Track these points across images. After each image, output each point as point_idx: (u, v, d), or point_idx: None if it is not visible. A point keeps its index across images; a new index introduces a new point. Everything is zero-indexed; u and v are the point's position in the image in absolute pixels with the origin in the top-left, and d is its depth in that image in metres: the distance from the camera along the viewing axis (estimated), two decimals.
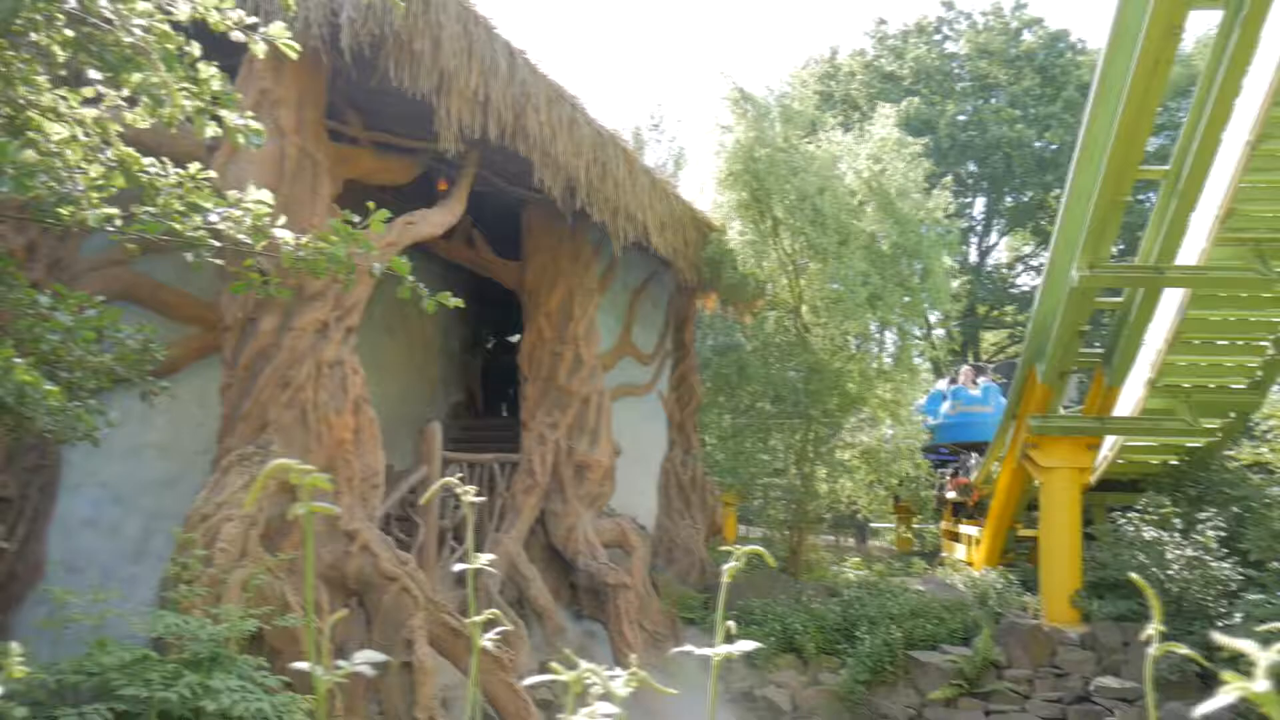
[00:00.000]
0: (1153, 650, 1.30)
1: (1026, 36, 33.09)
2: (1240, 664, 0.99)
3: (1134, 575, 1.70)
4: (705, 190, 14.73)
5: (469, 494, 1.87)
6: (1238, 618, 10.67)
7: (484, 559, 1.81)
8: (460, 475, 10.34)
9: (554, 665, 1.27)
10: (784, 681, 11.71)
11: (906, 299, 13.90)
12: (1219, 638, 1.03)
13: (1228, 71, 8.53)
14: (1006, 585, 13.75)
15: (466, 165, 10.22)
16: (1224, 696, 0.98)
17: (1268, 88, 9.19)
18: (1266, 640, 0.96)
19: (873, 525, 30.43)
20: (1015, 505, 14.85)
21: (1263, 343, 12.11)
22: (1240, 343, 12.27)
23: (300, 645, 6.38)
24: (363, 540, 7.43)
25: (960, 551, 18.19)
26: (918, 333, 29.47)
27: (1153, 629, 1.31)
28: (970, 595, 13.61)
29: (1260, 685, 0.93)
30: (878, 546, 29.41)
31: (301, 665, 1.29)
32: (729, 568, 1.50)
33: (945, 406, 19.45)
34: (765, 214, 13.81)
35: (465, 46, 8.48)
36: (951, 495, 19.35)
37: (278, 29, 4.24)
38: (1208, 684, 10.82)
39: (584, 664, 1.24)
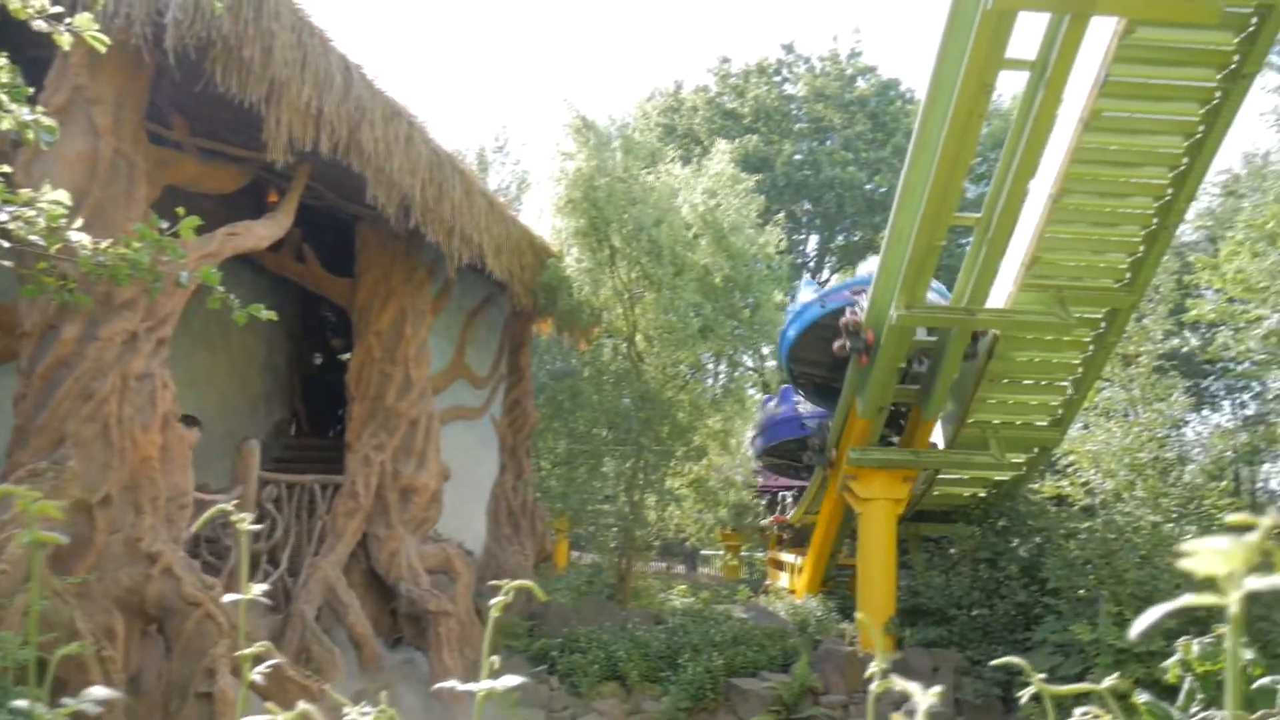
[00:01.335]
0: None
1: (860, 83, 34.55)
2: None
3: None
4: (545, 215, 14.75)
5: (244, 522, 1.79)
6: (1038, 642, 11.29)
7: (258, 589, 1.74)
8: (276, 496, 10.00)
9: (270, 706, 1.22)
10: (606, 710, 11.69)
11: (738, 331, 14.22)
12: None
13: (1034, 128, 9.09)
14: (826, 612, 14.16)
15: (297, 178, 9.94)
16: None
17: (1069, 146, 9.84)
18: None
19: (703, 553, 30.90)
20: (836, 535, 15.32)
21: (1063, 383, 12.90)
22: (1043, 382, 13.04)
23: (89, 675, 6.00)
24: (165, 563, 7.06)
25: (784, 579, 18.65)
26: (750, 364, 30.19)
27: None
28: (791, 622, 13.94)
29: None
30: (707, 574, 29.85)
31: (21, 704, 1.20)
32: (497, 602, 1.48)
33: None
34: (603, 242, 13.91)
35: (299, 57, 8.25)
36: (767, 522, 19.87)
37: (85, 20, 4.02)
38: (1009, 707, 11.39)
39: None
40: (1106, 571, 11.67)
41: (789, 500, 19.86)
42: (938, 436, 13.44)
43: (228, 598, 1.73)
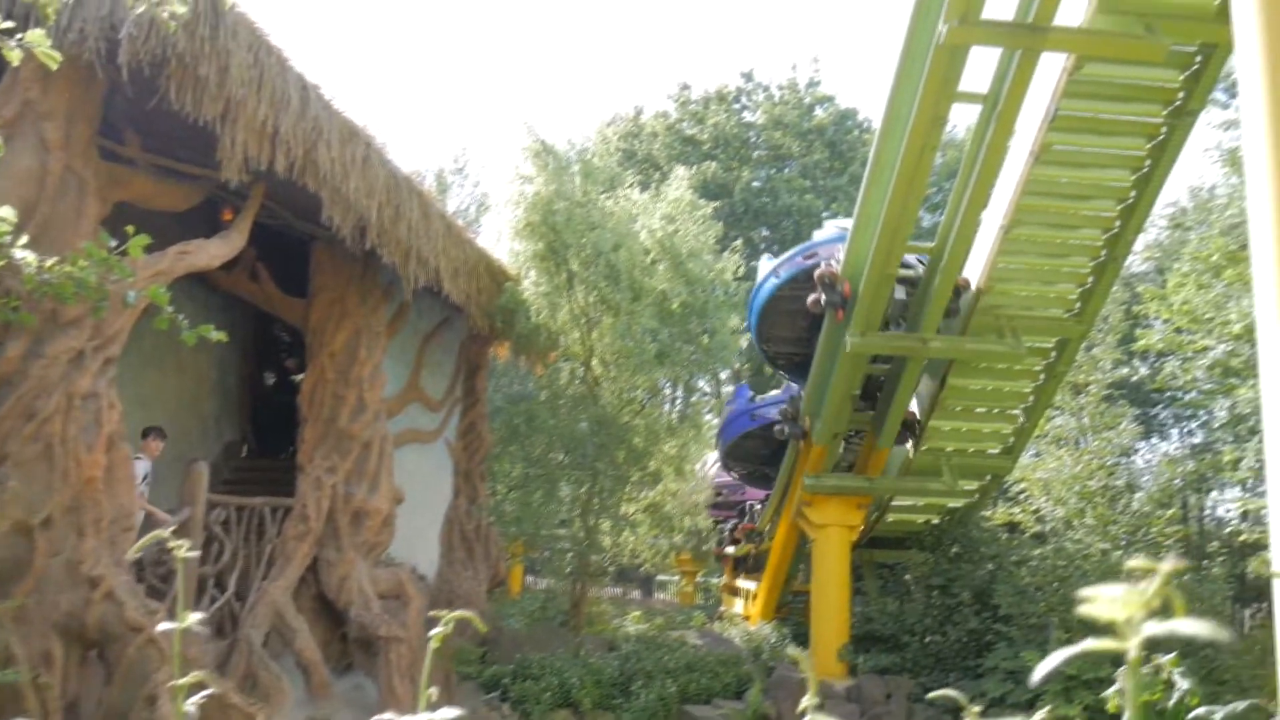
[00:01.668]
0: None
1: (818, 112, 34.96)
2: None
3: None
4: (503, 239, 14.73)
5: (182, 549, 1.76)
6: (989, 669, 11.35)
7: (196, 617, 1.70)
8: (225, 519, 9.85)
9: None
10: None
11: (695, 356, 14.25)
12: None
13: (985, 160, 9.25)
14: (780, 639, 14.17)
15: (252, 196, 9.85)
16: None
17: (1020, 178, 10.01)
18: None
19: (658, 578, 30.83)
20: (790, 561, 15.36)
21: (1014, 411, 13.05)
22: (995, 411, 13.19)
23: (24, 703, 5.85)
24: (107, 587, 6.91)
25: (739, 606, 18.65)
26: (707, 389, 30.27)
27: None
28: (746, 649, 13.92)
29: None
30: (663, 600, 29.78)
31: None
32: (436, 633, 1.46)
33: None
34: (561, 266, 13.91)
35: (255, 76, 8.20)
36: (731, 551, 19.82)
37: (36, 36, 3.97)
38: None
39: None
40: (1057, 598, 11.79)
41: (757, 508, 19.81)
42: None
43: (162, 627, 1.70)
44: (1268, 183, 3.84)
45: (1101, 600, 0.72)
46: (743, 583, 18.88)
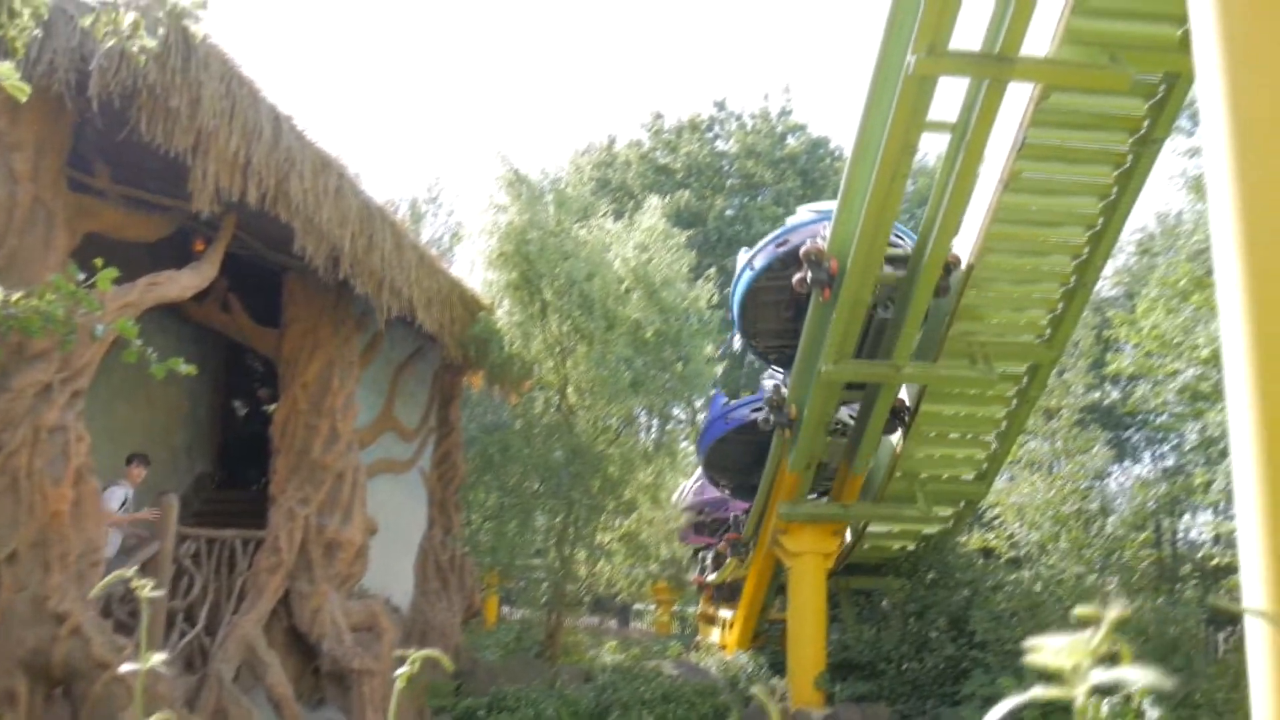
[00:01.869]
0: None
1: (790, 141, 35.25)
2: None
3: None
4: (477, 268, 14.71)
5: (145, 589, 1.74)
6: (966, 696, 11.35)
7: (158, 658, 1.68)
8: (195, 552, 9.73)
9: None
10: None
11: (670, 385, 14.26)
12: None
13: (955, 188, 9.34)
14: (757, 668, 14.12)
15: (224, 227, 9.81)
16: None
17: (989, 205, 10.11)
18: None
19: (635, 607, 30.70)
20: (766, 589, 15.33)
21: (987, 437, 13.12)
22: (968, 436, 13.25)
23: None
24: (74, 623, 6.80)
25: (715, 635, 18.57)
26: (682, 417, 30.26)
27: None
28: (722, 679, 13.86)
29: None
30: (639, 629, 29.64)
31: None
32: (402, 673, 1.44)
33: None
34: (535, 296, 13.90)
35: (227, 107, 8.19)
36: (711, 579, 19.75)
37: (5, 69, 3.96)
38: None
39: None
40: (1033, 624, 11.82)
41: (743, 519, 19.71)
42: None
43: (125, 667, 1.68)
44: (1229, 209, 3.89)
45: (1047, 650, 0.73)
46: (720, 612, 18.82)
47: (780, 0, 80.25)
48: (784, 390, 12.61)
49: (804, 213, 14.15)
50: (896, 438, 12.69)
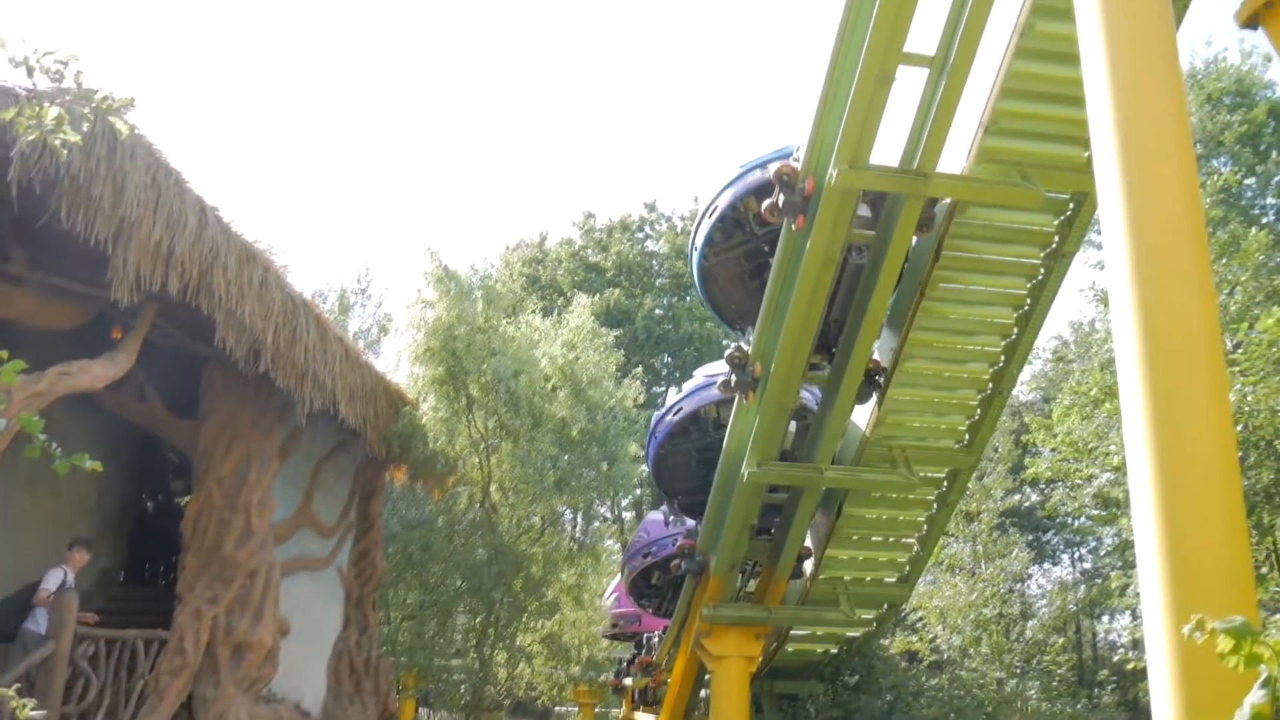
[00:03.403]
0: None
1: None
2: None
3: None
4: (403, 362, 14.63)
5: (26, 709, 1.66)
6: None
7: None
8: (93, 653, 9.31)
9: None
10: None
11: (594, 483, 14.20)
12: None
13: (875, 296, 9.55)
14: None
15: (143, 317, 9.63)
16: None
17: (909, 313, 10.35)
18: None
19: (557, 710, 29.97)
20: (689, 693, 15.08)
21: (909, 540, 13.22)
22: (891, 539, 13.33)
23: None
24: None
25: None
26: (608, 515, 30.07)
27: None
28: None
29: None
30: None
31: None
32: None
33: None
34: (460, 391, 13.83)
35: (152, 197, 8.13)
36: (629, 682, 19.41)
37: None
38: None
39: None
40: None
41: (655, 640, 19.48)
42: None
43: None
44: (1130, 320, 4.05)
45: None
46: (642, 715, 18.44)
47: (713, 106, 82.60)
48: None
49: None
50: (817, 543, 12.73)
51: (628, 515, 33.76)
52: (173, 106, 59.95)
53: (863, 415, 11.50)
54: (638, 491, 17.74)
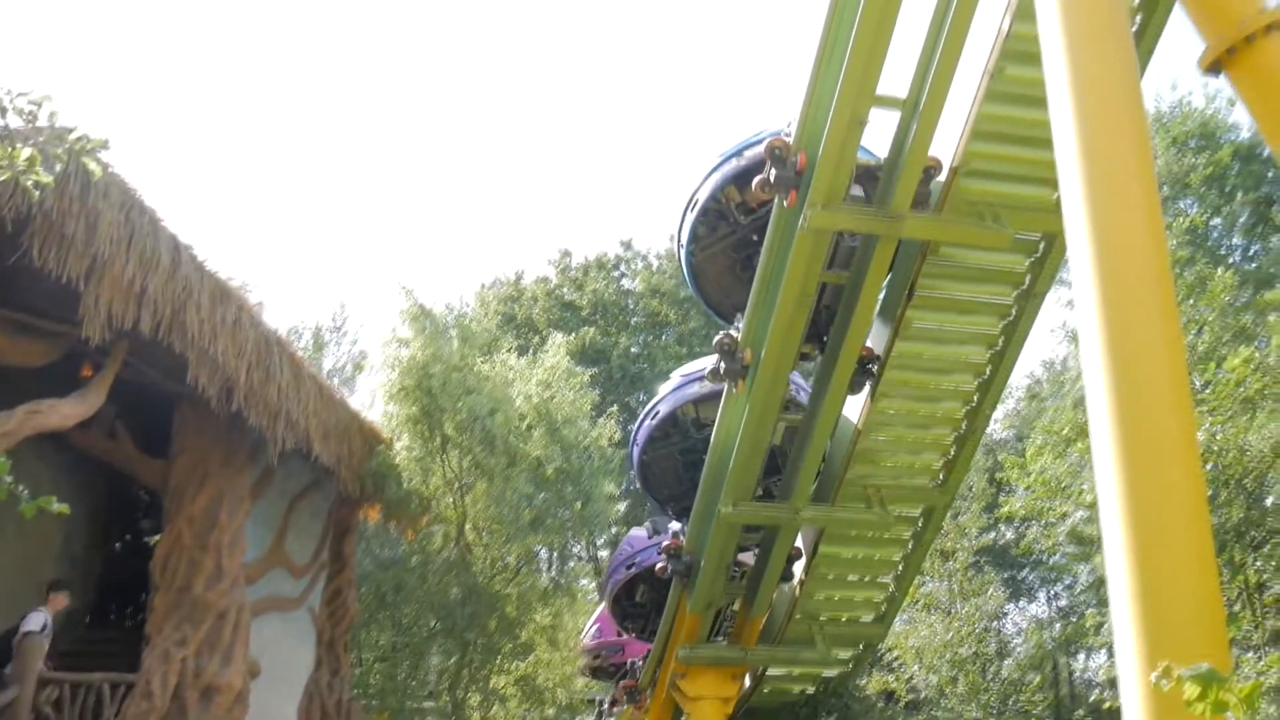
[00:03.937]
0: None
1: None
2: None
3: None
4: (378, 401, 14.56)
5: None
6: None
7: None
8: (57, 698, 9.15)
9: None
10: None
11: (569, 523, 14.14)
12: None
13: (849, 338, 9.61)
14: None
15: (114, 355, 9.56)
16: None
17: (883, 351, 10.42)
18: None
19: None
20: None
21: (885, 579, 13.19)
22: (866, 579, 13.30)
23: None
24: None
25: None
26: (583, 555, 29.88)
27: None
28: None
29: None
30: None
31: None
32: None
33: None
34: (435, 430, 13.78)
35: (125, 235, 8.11)
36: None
37: None
38: None
39: None
40: None
41: (639, 665, 19.24)
42: None
43: None
44: (1099, 360, 4.10)
45: None
46: None
47: (690, 145, 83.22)
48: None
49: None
50: (795, 580, 12.68)
51: (603, 554, 33.57)
52: (148, 142, 59.82)
53: (840, 448, 11.49)
54: (613, 530, 17.64)
